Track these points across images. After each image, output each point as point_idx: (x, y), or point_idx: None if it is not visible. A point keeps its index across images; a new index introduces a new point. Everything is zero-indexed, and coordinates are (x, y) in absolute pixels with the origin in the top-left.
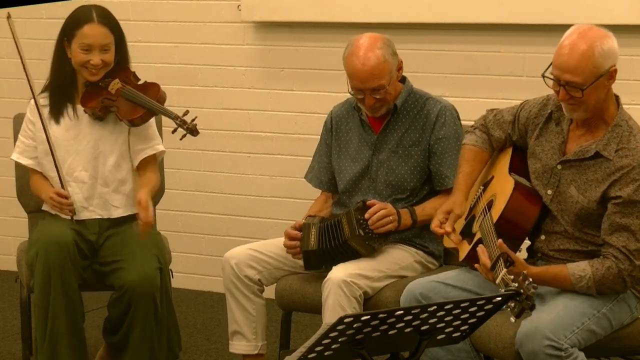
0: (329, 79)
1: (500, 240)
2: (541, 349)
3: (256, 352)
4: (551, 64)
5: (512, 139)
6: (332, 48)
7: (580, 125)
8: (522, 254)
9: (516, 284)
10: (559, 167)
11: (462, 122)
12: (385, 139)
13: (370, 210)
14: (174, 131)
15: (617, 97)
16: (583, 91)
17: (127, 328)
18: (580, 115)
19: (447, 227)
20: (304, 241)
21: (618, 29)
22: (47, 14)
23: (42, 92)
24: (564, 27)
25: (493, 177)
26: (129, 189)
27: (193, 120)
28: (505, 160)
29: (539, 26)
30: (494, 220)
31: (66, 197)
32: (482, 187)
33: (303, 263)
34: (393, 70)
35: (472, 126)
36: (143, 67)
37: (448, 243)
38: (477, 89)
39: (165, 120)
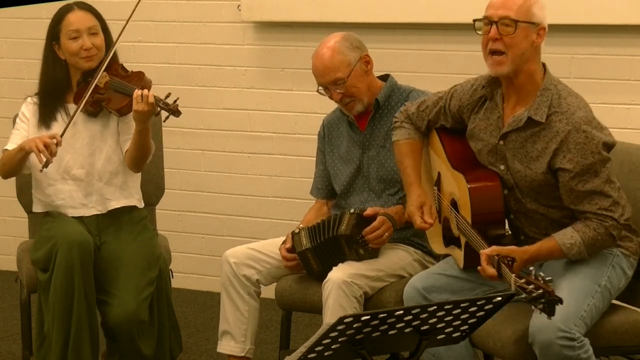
0: None
1: (487, 249)
2: (554, 341)
3: (243, 354)
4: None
5: (445, 126)
6: None
7: (511, 94)
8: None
9: (540, 290)
10: (501, 142)
11: None
12: (373, 135)
13: (367, 230)
14: (157, 114)
15: (544, 65)
16: (516, 24)
17: (119, 356)
18: (506, 68)
19: (428, 219)
20: (297, 245)
21: (618, 29)
22: (47, 14)
23: (35, 94)
24: (564, 28)
25: (439, 173)
26: (121, 181)
27: (175, 101)
28: (439, 151)
29: None
30: (470, 222)
31: (58, 144)
32: (435, 188)
33: (305, 270)
34: (352, 63)
35: (395, 122)
36: (143, 67)
37: (438, 249)
38: None
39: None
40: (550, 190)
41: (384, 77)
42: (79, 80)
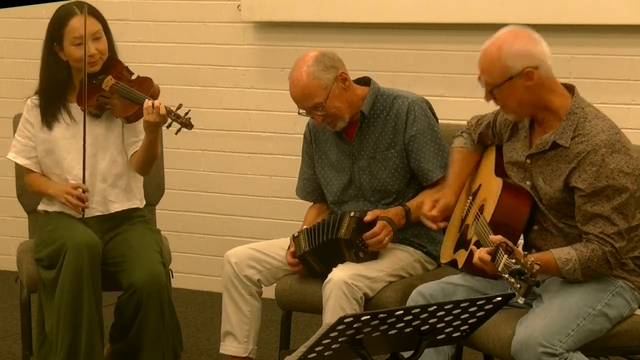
0: None
1: (495, 237)
2: (537, 357)
3: (245, 355)
4: None
5: (493, 140)
6: (332, 48)
7: (536, 125)
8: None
9: (519, 265)
10: (528, 161)
11: (461, 122)
12: (361, 146)
13: (367, 235)
14: (168, 126)
15: (572, 87)
16: (492, 92)
17: (138, 329)
18: (511, 117)
19: (434, 212)
20: (297, 249)
21: (618, 29)
22: (47, 14)
23: (35, 94)
24: (564, 28)
25: (480, 185)
26: (125, 184)
27: (186, 113)
28: (489, 165)
29: (539, 26)
30: (487, 221)
31: (84, 191)
32: (470, 198)
33: (309, 272)
34: (328, 85)
35: (459, 132)
36: (143, 67)
37: (445, 257)
38: (477, 89)
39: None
40: (570, 209)
41: (366, 80)
42: (82, 79)
